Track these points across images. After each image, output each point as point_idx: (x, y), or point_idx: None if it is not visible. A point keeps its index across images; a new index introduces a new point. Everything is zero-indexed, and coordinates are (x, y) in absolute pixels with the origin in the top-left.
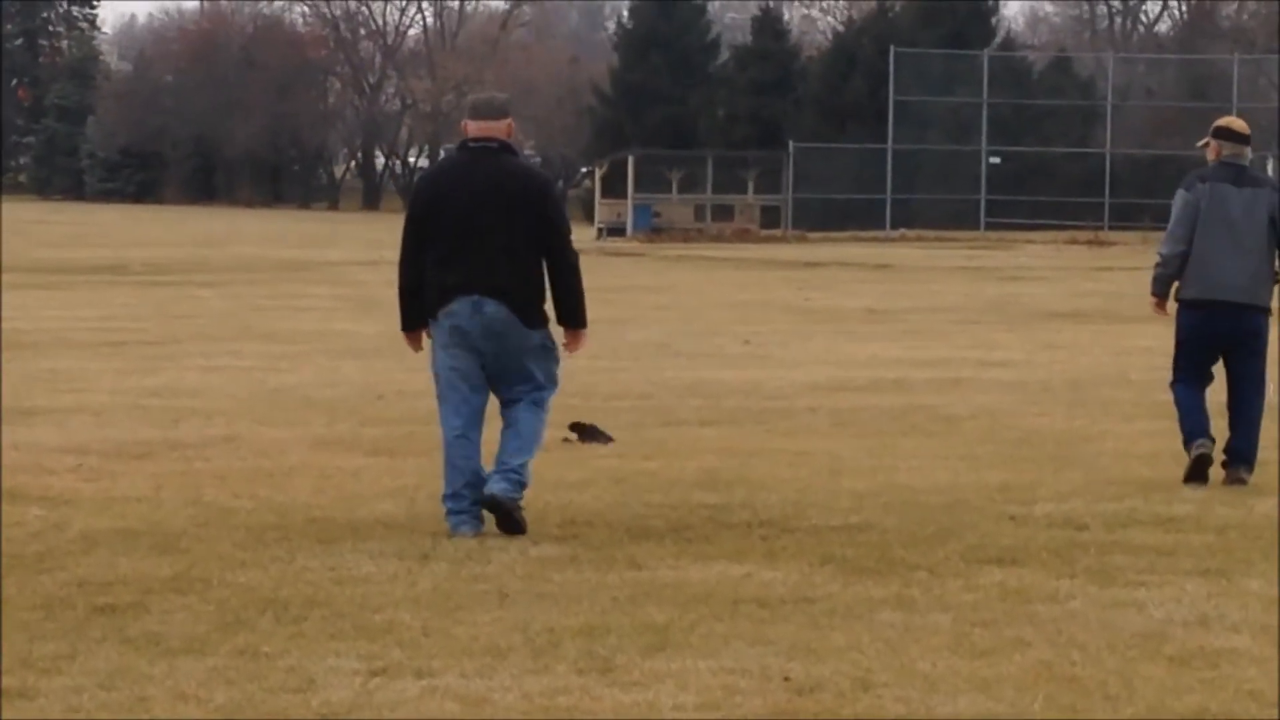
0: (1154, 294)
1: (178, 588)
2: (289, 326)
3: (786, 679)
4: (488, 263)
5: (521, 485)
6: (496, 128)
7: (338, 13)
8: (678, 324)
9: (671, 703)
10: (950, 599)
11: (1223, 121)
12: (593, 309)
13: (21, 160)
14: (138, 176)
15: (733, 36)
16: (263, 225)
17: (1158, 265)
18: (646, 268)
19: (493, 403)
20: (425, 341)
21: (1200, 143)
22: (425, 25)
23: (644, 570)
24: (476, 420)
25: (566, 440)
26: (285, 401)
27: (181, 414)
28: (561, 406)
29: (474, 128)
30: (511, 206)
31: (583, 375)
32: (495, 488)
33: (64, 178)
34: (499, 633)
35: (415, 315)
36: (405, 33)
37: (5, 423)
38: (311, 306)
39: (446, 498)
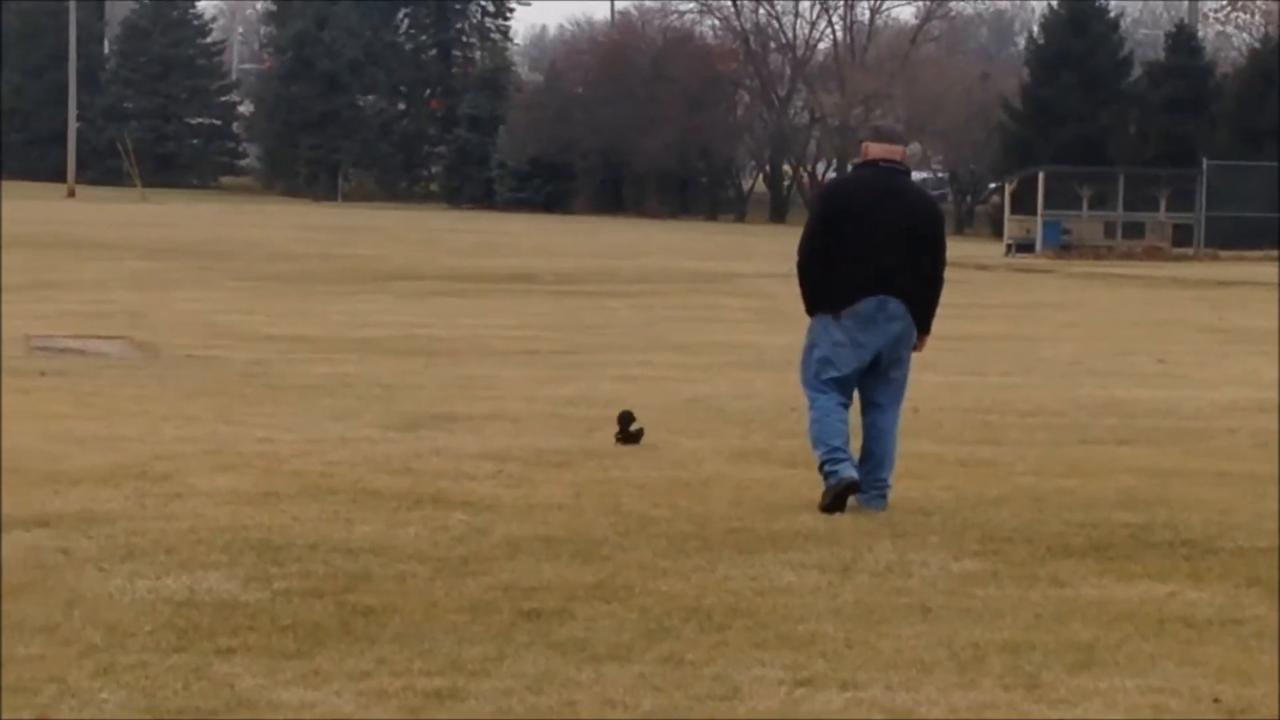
0: None
1: (601, 595)
2: (699, 338)
3: (1216, 700)
4: (893, 268)
5: (889, 492)
6: (897, 151)
7: (748, 26)
8: (1089, 341)
9: None
10: None
11: None
12: (1002, 324)
13: (433, 169)
14: (547, 187)
15: (1144, 53)
16: (670, 237)
17: None
18: (1056, 284)
19: None
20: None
21: None
22: (835, 39)
23: (1066, 588)
24: (847, 406)
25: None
26: (700, 412)
27: (597, 423)
28: (978, 423)
29: (879, 149)
30: (912, 221)
31: (996, 392)
32: (874, 506)
33: (474, 187)
34: (923, 647)
35: (820, 301)
36: (815, 46)
37: (427, 428)
38: (721, 318)
39: (825, 460)
